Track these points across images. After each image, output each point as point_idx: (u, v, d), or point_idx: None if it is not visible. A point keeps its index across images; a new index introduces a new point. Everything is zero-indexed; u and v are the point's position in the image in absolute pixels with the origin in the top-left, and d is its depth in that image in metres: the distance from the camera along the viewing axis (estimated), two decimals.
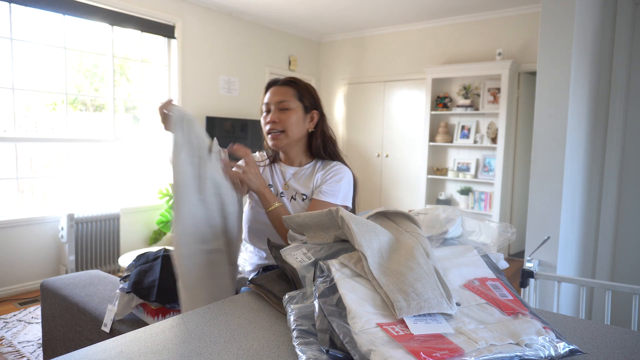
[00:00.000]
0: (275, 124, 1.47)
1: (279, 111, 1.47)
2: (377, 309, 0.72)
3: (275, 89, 1.50)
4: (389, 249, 0.84)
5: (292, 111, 1.47)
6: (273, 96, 1.49)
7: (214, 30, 5.04)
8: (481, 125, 5.16)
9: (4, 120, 3.56)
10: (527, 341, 0.67)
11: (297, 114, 1.48)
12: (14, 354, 2.59)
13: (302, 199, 1.49)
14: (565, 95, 2.26)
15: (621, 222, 2.76)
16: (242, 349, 0.73)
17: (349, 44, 6.23)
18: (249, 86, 5.50)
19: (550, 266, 2.29)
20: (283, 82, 1.51)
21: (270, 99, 1.50)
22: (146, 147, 4.54)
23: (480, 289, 0.81)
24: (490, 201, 5.07)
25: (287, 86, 1.50)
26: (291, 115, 1.47)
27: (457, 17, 5.21)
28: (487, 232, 1.00)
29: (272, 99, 1.49)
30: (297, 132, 1.49)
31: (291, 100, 1.48)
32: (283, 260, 0.93)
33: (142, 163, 4.52)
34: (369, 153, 6.11)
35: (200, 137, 1.29)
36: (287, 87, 1.50)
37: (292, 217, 1.00)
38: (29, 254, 3.66)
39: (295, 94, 1.49)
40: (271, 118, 1.47)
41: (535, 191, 2.37)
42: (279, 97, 1.48)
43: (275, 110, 1.48)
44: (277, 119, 1.47)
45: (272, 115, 1.48)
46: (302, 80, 1.54)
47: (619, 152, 2.72)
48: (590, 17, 2.44)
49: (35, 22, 3.69)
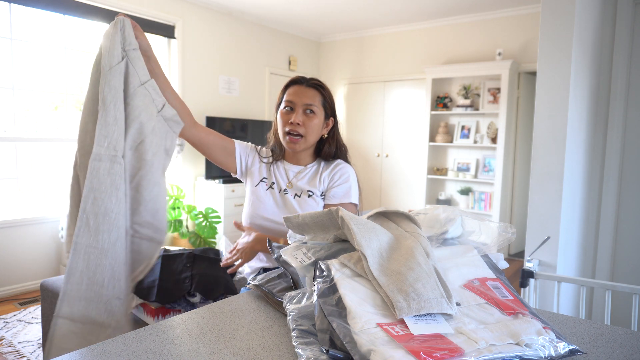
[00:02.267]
0: (298, 126, 1.44)
1: (304, 114, 1.45)
2: (377, 309, 0.72)
3: (303, 90, 1.47)
4: (389, 249, 0.84)
5: (316, 117, 1.46)
6: (300, 97, 1.46)
7: (214, 30, 5.04)
8: (481, 125, 5.16)
9: (4, 120, 3.56)
10: (527, 341, 0.67)
11: (319, 120, 1.47)
12: (14, 354, 2.59)
13: (309, 195, 1.49)
14: (565, 95, 2.26)
15: (621, 222, 2.76)
16: (242, 349, 0.73)
17: (349, 44, 6.23)
18: (249, 86, 5.50)
19: (550, 266, 2.29)
20: (310, 84, 1.49)
21: (296, 98, 1.46)
22: None
23: (480, 289, 0.81)
24: (490, 201, 5.07)
25: (314, 89, 1.48)
26: (314, 121, 1.46)
27: (457, 17, 5.21)
28: (487, 232, 1.00)
29: (299, 99, 1.46)
30: (315, 137, 1.49)
31: (317, 105, 1.46)
32: (283, 261, 0.93)
33: None
34: (369, 153, 6.11)
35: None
36: (315, 90, 1.48)
37: (292, 217, 1.00)
38: (29, 254, 3.67)
39: (321, 99, 1.48)
40: (295, 119, 1.44)
41: (535, 191, 2.37)
42: (307, 99, 1.45)
43: (301, 112, 1.45)
44: (302, 122, 1.44)
45: (297, 116, 1.44)
46: (325, 85, 1.53)
47: (619, 152, 2.72)
48: (590, 17, 2.44)
49: (35, 22, 3.69)
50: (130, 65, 1.14)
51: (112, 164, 1.09)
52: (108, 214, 1.09)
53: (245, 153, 1.56)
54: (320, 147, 1.56)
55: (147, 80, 1.17)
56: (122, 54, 1.13)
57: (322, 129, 1.51)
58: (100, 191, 1.08)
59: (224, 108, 5.19)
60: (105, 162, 1.08)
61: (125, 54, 1.13)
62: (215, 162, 1.52)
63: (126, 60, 1.13)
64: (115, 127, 1.09)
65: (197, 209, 4.66)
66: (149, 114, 1.16)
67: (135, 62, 1.15)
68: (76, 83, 4.04)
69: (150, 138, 1.16)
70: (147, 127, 1.15)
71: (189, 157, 4.84)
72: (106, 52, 1.12)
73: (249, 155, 1.57)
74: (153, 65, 1.25)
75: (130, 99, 1.13)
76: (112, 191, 1.09)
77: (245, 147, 1.56)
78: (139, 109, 1.14)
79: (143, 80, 1.15)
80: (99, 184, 1.07)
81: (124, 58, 1.13)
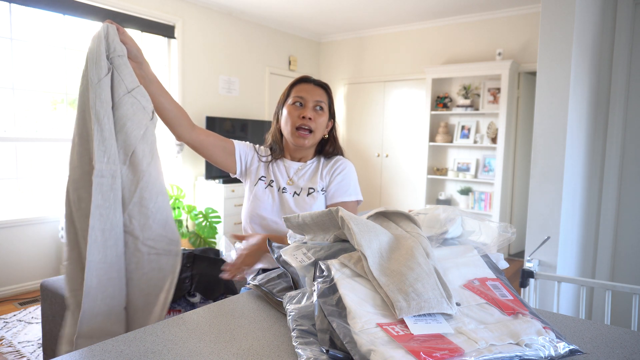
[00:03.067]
0: (310, 121, 1.47)
1: (314, 110, 1.49)
2: (377, 309, 0.72)
3: (312, 88, 1.51)
4: (389, 249, 0.84)
5: (324, 114, 1.50)
6: (311, 94, 1.49)
7: (214, 30, 5.04)
8: (481, 125, 5.16)
9: (4, 120, 3.56)
10: (527, 341, 0.67)
11: (325, 118, 1.52)
12: (14, 354, 2.59)
13: (308, 193, 1.49)
14: (565, 95, 2.26)
15: (621, 222, 2.76)
16: (242, 349, 0.73)
17: (349, 44, 6.23)
18: (249, 86, 5.50)
19: (550, 266, 2.29)
20: (318, 84, 1.53)
21: (308, 94, 1.49)
22: None
23: (480, 289, 0.81)
24: (490, 201, 5.07)
25: (322, 89, 1.52)
26: (323, 117, 1.50)
27: (457, 17, 5.21)
28: (487, 232, 1.00)
29: (311, 96, 1.49)
30: (321, 135, 1.53)
31: (325, 104, 1.51)
32: (283, 260, 0.93)
33: None
34: (369, 153, 6.11)
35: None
36: (322, 90, 1.52)
37: (292, 217, 1.00)
38: (29, 254, 3.66)
39: (327, 99, 1.52)
40: (307, 114, 1.46)
41: (535, 191, 2.37)
42: (317, 97, 1.49)
43: (312, 108, 1.48)
44: (313, 117, 1.47)
45: (309, 111, 1.47)
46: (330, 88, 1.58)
47: (619, 152, 2.72)
48: (590, 17, 2.44)
49: (35, 22, 3.69)
50: (115, 72, 1.10)
51: (114, 179, 1.09)
52: (114, 228, 1.10)
53: (244, 152, 1.56)
54: (321, 146, 1.59)
55: (135, 87, 1.13)
56: (108, 64, 1.09)
57: (325, 129, 1.55)
58: (104, 207, 1.08)
59: (224, 108, 5.19)
60: (107, 177, 1.08)
61: (111, 61, 1.10)
62: (216, 163, 1.52)
63: (111, 68, 1.10)
64: (112, 142, 1.08)
65: (197, 209, 4.66)
66: (136, 122, 1.12)
67: (121, 69, 1.11)
68: (76, 83, 4.04)
69: (142, 147, 1.13)
70: (135, 135, 1.12)
71: (189, 157, 4.84)
72: (92, 63, 1.08)
73: (248, 154, 1.57)
74: (145, 71, 1.23)
75: (115, 108, 1.09)
76: (117, 206, 1.10)
77: (244, 146, 1.57)
78: (125, 118, 1.10)
79: (130, 88, 1.12)
80: (103, 200, 1.07)
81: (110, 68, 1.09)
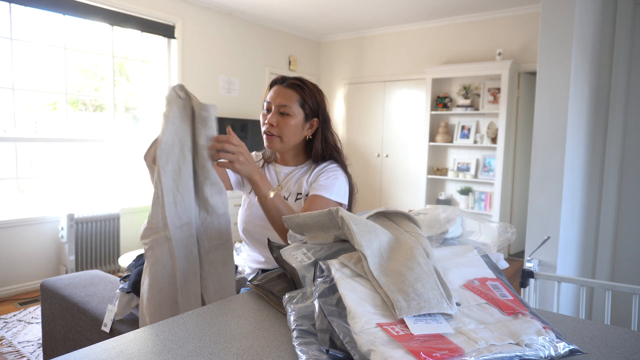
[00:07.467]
0: (272, 127, 1.42)
1: (279, 115, 1.41)
2: (377, 309, 0.72)
3: (280, 90, 1.43)
4: (389, 249, 0.84)
5: (291, 117, 1.41)
6: (276, 97, 1.43)
7: (214, 30, 5.04)
8: (481, 125, 5.16)
9: (4, 120, 3.56)
10: (527, 341, 0.67)
11: (295, 121, 1.42)
12: (14, 354, 2.59)
13: (295, 199, 1.46)
14: (565, 95, 2.26)
15: (621, 222, 2.76)
16: (242, 349, 0.73)
17: (349, 44, 6.23)
18: (249, 86, 5.50)
19: (550, 266, 2.29)
20: (289, 84, 1.44)
21: (272, 98, 1.43)
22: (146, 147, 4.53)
23: (480, 289, 0.81)
24: (490, 201, 5.07)
25: (292, 90, 1.43)
26: (289, 122, 1.41)
27: (457, 17, 5.21)
28: (487, 232, 1.00)
29: (275, 99, 1.42)
30: (293, 139, 1.44)
31: (293, 106, 1.41)
32: (283, 260, 0.93)
33: (142, 163, 4.52)
34: (369, 153, 6.11)
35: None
36: (292, 90, 1.43)
37: (292, 217, 1.00)
38: (29, 254, 3.66)
39: (299, 99, 1.42)
40: (269, 120, 1.41)
41: (535, 191, 2.36)
42: (281, 100, 1.41)
43: (276, 112, 1.42)
44: (275, 122, 1.41)
45: (271, 117, 1.42)
46: (309, 84, 1.47)
47: (619, 152, 2.72)
48: (590, 17, 2.44)
49: (35, 22, 3.69)
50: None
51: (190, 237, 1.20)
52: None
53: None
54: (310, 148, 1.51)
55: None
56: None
57: (304, 130, 1.46)
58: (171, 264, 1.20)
59: (224, 108, 5.19)
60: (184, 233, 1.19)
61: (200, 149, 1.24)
62: None
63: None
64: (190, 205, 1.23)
65: None
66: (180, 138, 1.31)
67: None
68: (76, 83, 4.04)
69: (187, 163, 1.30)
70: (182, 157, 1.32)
71: None
72: (202, 123, 1.29)
73: None
74: None
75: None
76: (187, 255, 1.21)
77: None
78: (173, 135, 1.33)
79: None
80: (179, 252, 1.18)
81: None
